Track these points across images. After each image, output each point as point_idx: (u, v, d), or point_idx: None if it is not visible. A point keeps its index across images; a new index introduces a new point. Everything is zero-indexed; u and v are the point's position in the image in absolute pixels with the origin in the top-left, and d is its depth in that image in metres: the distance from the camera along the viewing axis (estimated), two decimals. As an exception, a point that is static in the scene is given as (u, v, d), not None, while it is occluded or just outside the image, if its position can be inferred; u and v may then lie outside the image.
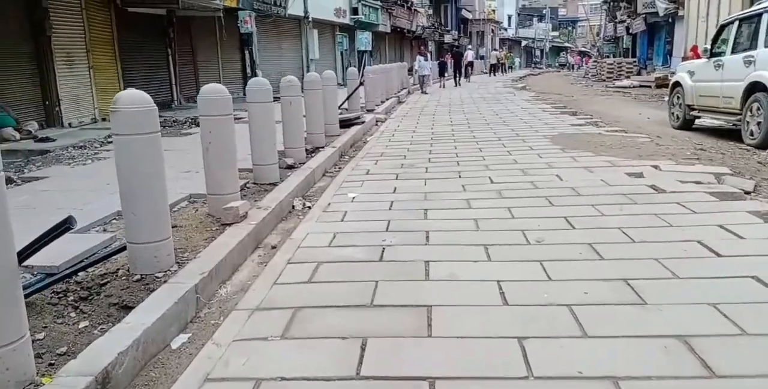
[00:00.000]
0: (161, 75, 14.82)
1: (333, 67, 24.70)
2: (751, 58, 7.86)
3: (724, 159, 6.42)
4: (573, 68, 54.04)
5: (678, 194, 4.81)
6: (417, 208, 4.70)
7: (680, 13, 24.55)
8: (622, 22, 35.42)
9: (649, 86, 22.20)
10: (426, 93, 20.59)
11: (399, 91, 19.16)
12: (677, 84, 10.23)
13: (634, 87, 22.75)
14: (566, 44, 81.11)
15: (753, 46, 7.98)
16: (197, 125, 10.49)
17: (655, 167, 5.95)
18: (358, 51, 26.26)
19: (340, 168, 6.84)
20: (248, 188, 5.23)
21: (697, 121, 9.92)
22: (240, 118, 5.75)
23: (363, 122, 10.18)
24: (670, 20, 25.91)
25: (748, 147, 7.49)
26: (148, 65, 14.21)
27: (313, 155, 7.04)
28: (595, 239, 3.72)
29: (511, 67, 46.44)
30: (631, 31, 33.37)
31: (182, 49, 15.71)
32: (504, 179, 5.66)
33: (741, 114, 8.12)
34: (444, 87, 25.68)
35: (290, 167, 6.15)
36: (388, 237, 3.92)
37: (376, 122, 11.63)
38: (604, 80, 27.90)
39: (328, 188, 5.70)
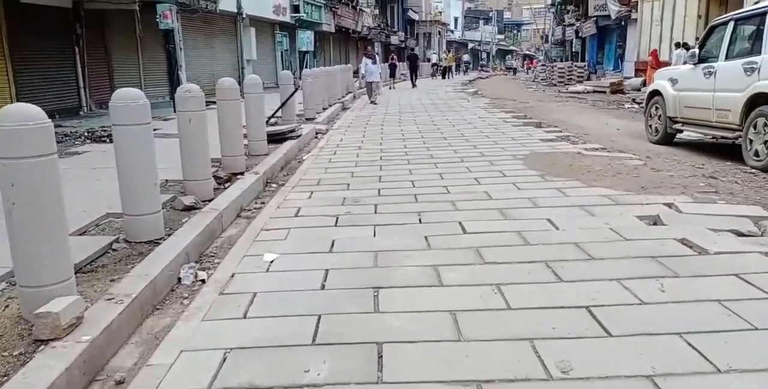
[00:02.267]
0: (66, 77, 12.74)
1: (272, 69, 22.89)
2: (754, 65, 6.68)
3: (744, 191, 5.15)
4: (517, 71, 53.71)
5: (727, 256, 3.44)
6: (363, 285, 3.15)
7: (633, 16, 23.96)
8: (571, 25, 34.91)
9: (603, 92, 21.42)
10: (375, 103, 16.74)
11: (344, 96, 17.58)
12: (656, 93, 9.06)
13: (587, 92, 21.93)
14: (512, 47, 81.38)
15: (755, 50, 6.81)
16: (95, 140, 8.70)
17: (669, 205, 4.60)
18: (299, 51, 24.51)
19: (262, 204, 5.22)
20: (113, 251, 3.56)
21: (679, 135, 8.79)
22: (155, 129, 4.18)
23: (299, 136, 8.57)
24: (622, 23, 25.31)
25: (754, 170, 6.31)
26: (49, 66, 12.12)
27: (226, 186, 5.39)
28: (653, 362, 2.27)
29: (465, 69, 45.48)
30: (580, 34, 32.83)
31: (93, 47, 13.66)
32: (480, 227, 4.17)
33: (740, 130, 6.95)
34: (394, 88, 24.78)
35: (189, 209, 4.50)
36: (313, 361, 2.36)
37: (316, 134, 10.03)
38: (556, 85, 27.17)
39: (238, 242, 4.08)
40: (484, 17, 74.17)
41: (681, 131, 8.57)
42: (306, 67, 22.53)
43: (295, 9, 24.21)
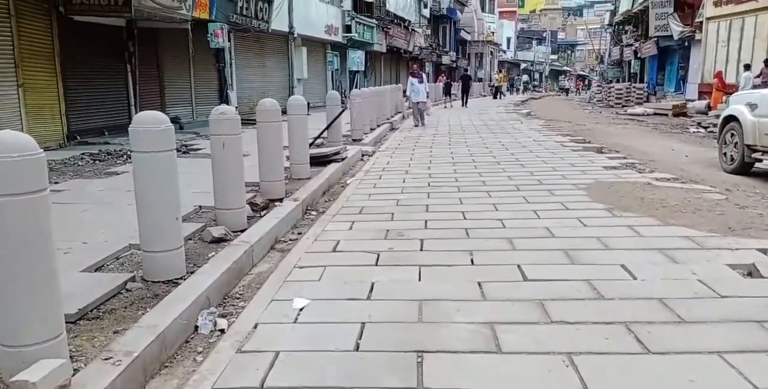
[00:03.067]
0: (117, 94, 12.81)
1: (323, 89, 22.83)
2: None
3: None
4: (573, 92, 52.51)
5: None
6: (404, 347, 2.65)
7: (697, 36, 22.86)
8: (629, 45, 33.80)
9: (665, 115, 20.38)
10: (423, 125, 15.37)
11: (392, 116, 17.24)
12: (732, 118, 8.29)
13: (647, 115, 20.93)
14: (565, 68, 80.00)
15: None
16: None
17: (765, 251, 3.94)
18: (350, 71, 24.38)
19: (299, 234, 4.79)
20: (127, 291, 3.17)
21: (757, 164, 7.98)
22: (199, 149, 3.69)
23: (343, 159, 8.17)
24: (685, 44, 24.21)
25: None
26: (100, 83, 12.20)
27: (262, 213, 5.00)
28: None
29: (516, 89, 44.79)
30: (639, 55, 31.69)
31: (145, 65, 13.72)
32: (543, 273, 3.61)
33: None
34: (451, 107, 25.21)
35: (218, 241, 4.11)
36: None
37: (362, 156, 9.64)
38: (613, 106, 26.16)
39: (267, 281, 3.64)
40: (538, 37, 73.18)
41: (761, 161, 7.78)
42: (356, 87, 22.39)
43: (347, 29, 24.17)
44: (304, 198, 5.67)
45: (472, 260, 3.92)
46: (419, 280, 3.58)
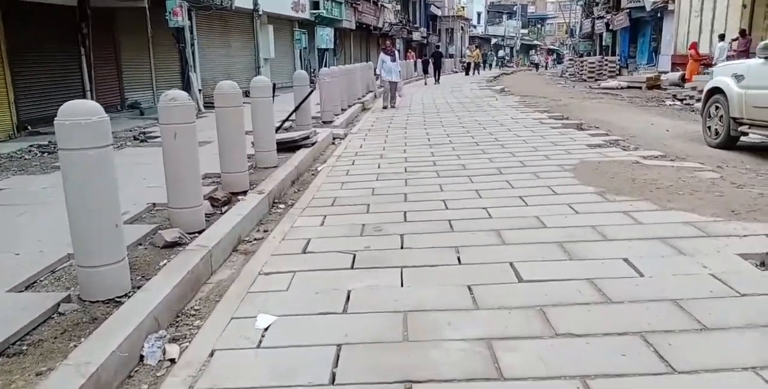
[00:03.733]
0: (71, 80, 12.03)
1: (291, 68, 22.05)
2: None
3: None
4: (544, 67, 52.27)
5: None
6: (388, 378, 2.24)
7: (670, 7, 22.61)
8: (601, 18, 33.49)
9: (639, 88, 20.18)
10: (394, 107, 14.20)
11: (364, 96, 16.67)
12: (716, 90, 7.98)
13: (621, 88, 20.69)
14: (536, 42, 79.67)
15: None
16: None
17: (776, 238, 3.62)
18: (318, 49, 23.62)
19: (265, 232, 4.33)
20: (59, 316, 2.70)
21: (743, 137, 7.72)
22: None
23: (313, 144, 7.68)
24: (658, 15, 23.95)
25: None
26: (51, 68, 11.42)
27: (223, 210, 4.52)
28: None
29: (488, 65, 44.47)
30: (611, 27, 31.40)
31: (101, 48, 12.92)
32: (539, 272, 3.22)
33: (831, 135, 5.90)
34: (426, 84, 25.19)
35: (172, 245, 3.63)
36: None
37: (333, 139, 9.15)
38: (586, 80, 25.91)
39: (228, 292, 3.19)
40: (508, 11, 72.53)
41: (746, 134, 7.50)
42: (326, 66, 21.69)
43: (315, 5, 23.35)
44: (271, 190, 5.19)
45: (459, 259, 3.51)
46: (401, 285, 3.16)
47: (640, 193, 4.81)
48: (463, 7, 56.04)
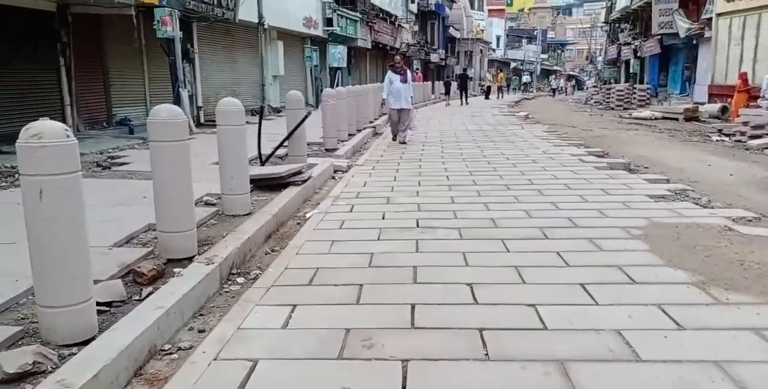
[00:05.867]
0: (47, 93, 10.72)
1: (302, 87, 20.77)
2: None
3: None
4: (563, 92, 50.79)
5: None
6: None
7: (706, 34, 21.10)
8: (627, 44, 32.05)
9: (675, 119, 18.52)
10: (404, 143, 10.75)
11: (376, 119, 15.27)
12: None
13: (656, 119, 19.07)
14: (555, 67, 78.47)
15: None
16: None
17: None
18: (330, 68, 22.34)
19: (199, 333, 2.83)
20: None
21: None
22: None
23: (305, 181, 6.19)
24: (693, 42, 22.45)
25: None
26: (24, 80, 10.13)
27: (142, 295, 3.02)
28: None
29: (514, 89, 43.28)
30: (639, 54, 29.92)
31: (85, 58, 11.64)
32: None
33: None
34: (449, 105, 25.10)
35: (18, 379, 2.12)
36: None
37: (334, 172, 7.68)
38: (613, 108, 24.37)
39: None
40: (527, 36, 71.50)
41: None
42: (338, 85, 20.40)
43: (329, 22, 22.13)
44: (227, 255, 3.68)
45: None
46: None
47: (762, 289, 3.25)
48: (482, 30, 54.93)
